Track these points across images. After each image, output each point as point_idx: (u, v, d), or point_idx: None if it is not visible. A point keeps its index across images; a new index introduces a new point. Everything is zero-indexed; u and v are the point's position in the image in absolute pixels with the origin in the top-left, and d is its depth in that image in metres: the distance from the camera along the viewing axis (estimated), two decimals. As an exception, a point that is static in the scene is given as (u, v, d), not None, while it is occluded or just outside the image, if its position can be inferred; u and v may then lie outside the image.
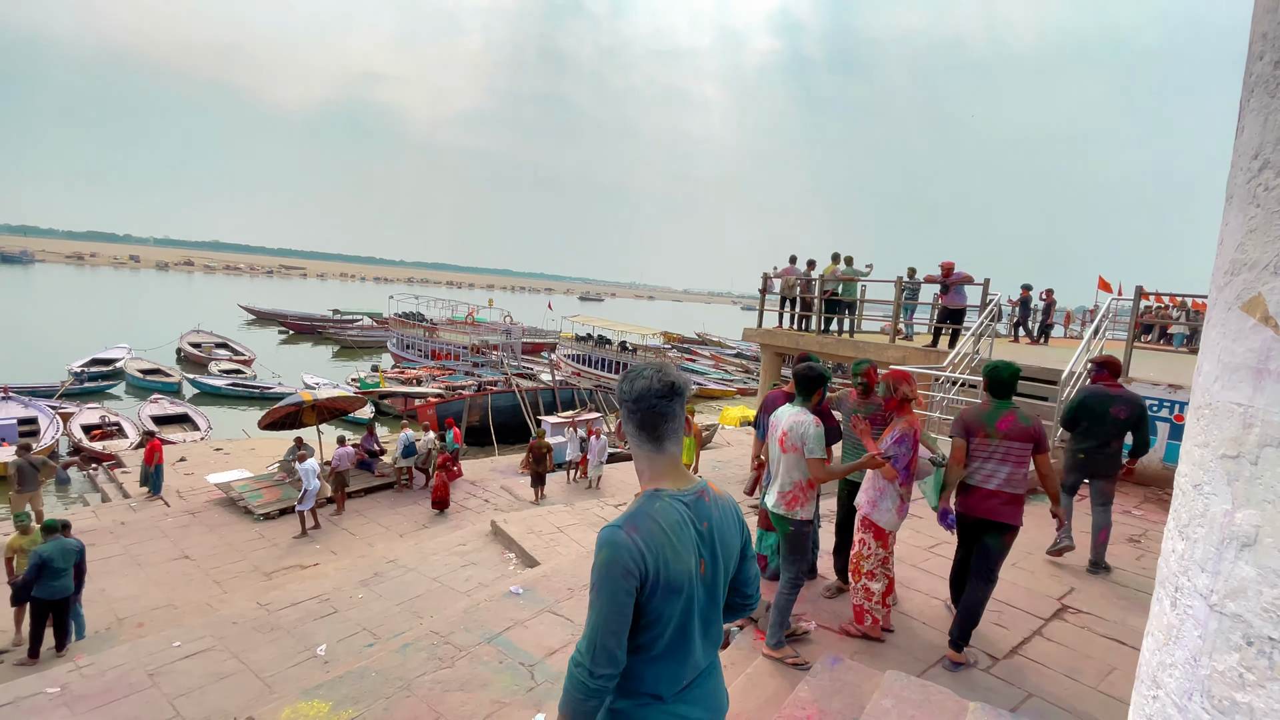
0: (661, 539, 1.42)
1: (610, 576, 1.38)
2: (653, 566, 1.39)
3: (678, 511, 1.47)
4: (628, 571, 1.38)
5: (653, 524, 1.43)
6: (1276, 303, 0.92)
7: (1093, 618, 4.20)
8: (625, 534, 1.40)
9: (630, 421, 1.51)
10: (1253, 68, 1.12)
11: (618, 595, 1.38)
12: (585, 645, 1.42)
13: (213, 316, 41.07)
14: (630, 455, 1.58)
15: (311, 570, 8.45)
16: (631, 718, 1.50)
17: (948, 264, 10.51)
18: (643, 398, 1.47)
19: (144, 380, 23.22)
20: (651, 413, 1.48)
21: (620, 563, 1.38)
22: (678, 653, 1.48)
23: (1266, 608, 0.87)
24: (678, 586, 1.43)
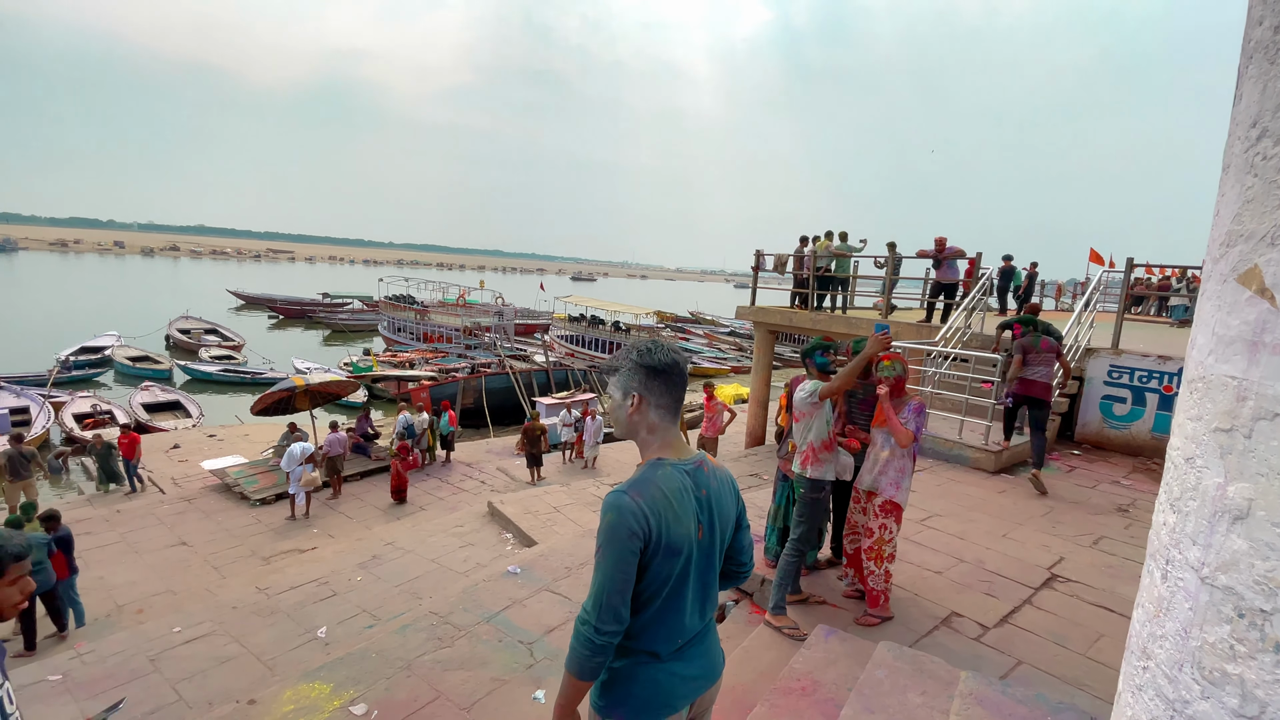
0: (664, 504, 1.50)
1: (616, 538, 1.46)
2: (655, 529, 1.47)
3: (679, 479, 1.54)
4: (632, 533, 1.45)
5: (656, 490, 1.50)
6: (1273, 274, 0.91)
7: (1081, 586, 4.28)
8: (630, 498, 1.48)
9: (650, 390, 1.58)
10: (1251, 33, 1.10)
11: (623, 556, 1.46)
12: (591, 604, 1.48)
13: (201, 302, 40.66)
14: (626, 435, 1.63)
15: (309, 554, 8.49)
16: (629, 676, 1.57)
17: (941, 239, 10.49)
18: (670, 369, 1.58)
19: (133, 368, 23.03)
20: (672, 384, 1.59)
21: (625, 525, 1.45)
22: (675, 612, 1.56)
23: (1259, 580, 0.87)
24: (677, 549, 1.51)
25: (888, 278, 11.02)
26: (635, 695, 1.57)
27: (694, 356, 33.50)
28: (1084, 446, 7.97)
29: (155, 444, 14.35)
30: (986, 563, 4.55)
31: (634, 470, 1.60)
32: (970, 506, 5.70)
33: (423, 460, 12.43)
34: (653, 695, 1.57)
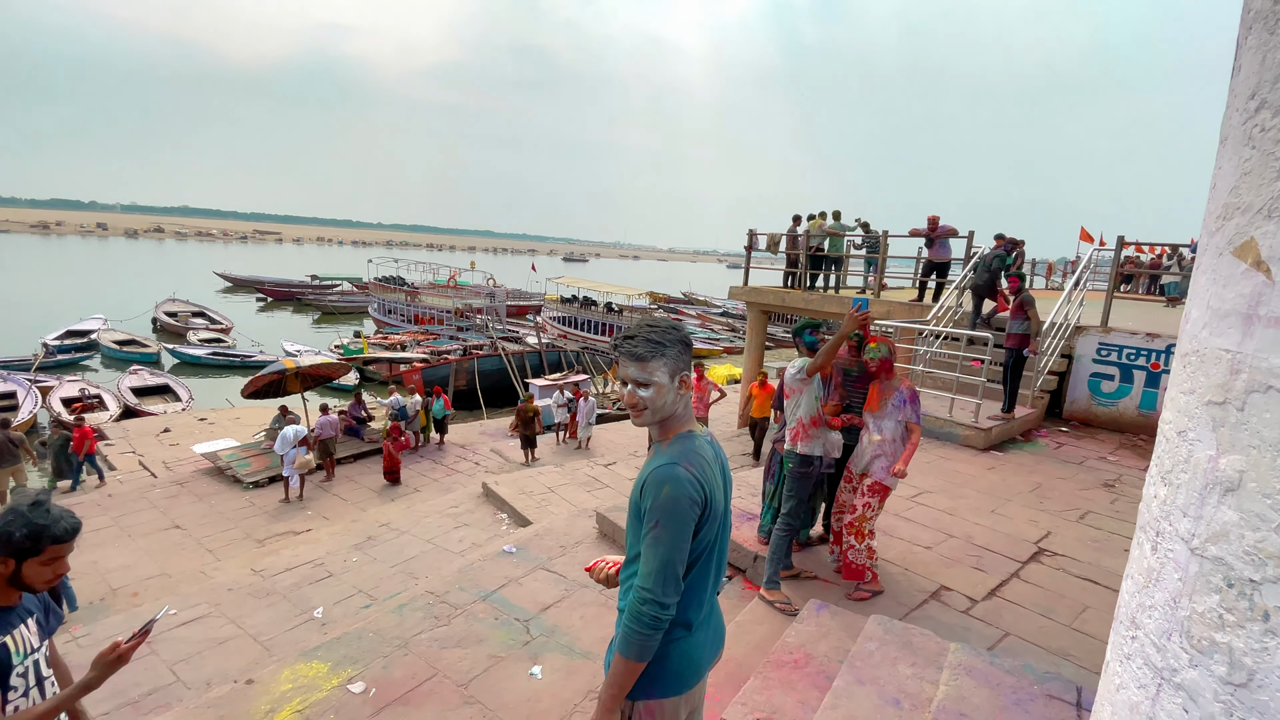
0: (708, 470, 1.57)
1: (679, 509, 1.48)
2: (709, 495, 1.54)
3: (707, 448, 1.63)
4: (693, 501, 1.50)
5: (699, 458, 1.56)
6: (1269, 247, 0.91)
7: (1068, 559, 4.35)
8: (683, 469, 1.51)
9: (685, 367, 1.63)
10: (1251, 3, 1.08)
11: (685, 525, 1.49)
12: (655, 580, 1.49)
13: (187, 284, 40.15)
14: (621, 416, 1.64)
15: (304, 536, 8.50)
16: (663, 654, 1.59)
17: (933, 218, 10.47)
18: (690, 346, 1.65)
19: (120, 351, 22.78)
20: (691, 360, 1.66)
21: (687, 494, 1.49)
22: (704, 577, 1.62)
23: (1249, 550, 0.88)
24: (718, 514, 1.59)
25: (881, 256, 11.01)
26: (669, 670, 1.59)
27: (686, 337, 33.47)
28: (1072, 423, 8.06)
29: (146, 427, 14.26)
30: (975, 538, 4.62)
31: (658, 445, 1.64)
32: (960, 483, 5.77)
33: (416, 442, 12.42)
34: (684, 668, 1.61)
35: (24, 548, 1.66)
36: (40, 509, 1.71)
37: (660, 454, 1.58)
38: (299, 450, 9.82)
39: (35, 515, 1.68)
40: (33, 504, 1.72)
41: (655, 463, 1.55)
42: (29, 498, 1.74)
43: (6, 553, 1.65)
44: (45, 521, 1.69)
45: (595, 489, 8.12)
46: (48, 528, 1.68)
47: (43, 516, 1.69)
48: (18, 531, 1.65)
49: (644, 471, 1.57)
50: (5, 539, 1.65)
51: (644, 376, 1.57)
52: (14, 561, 1.67)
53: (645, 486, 1.53)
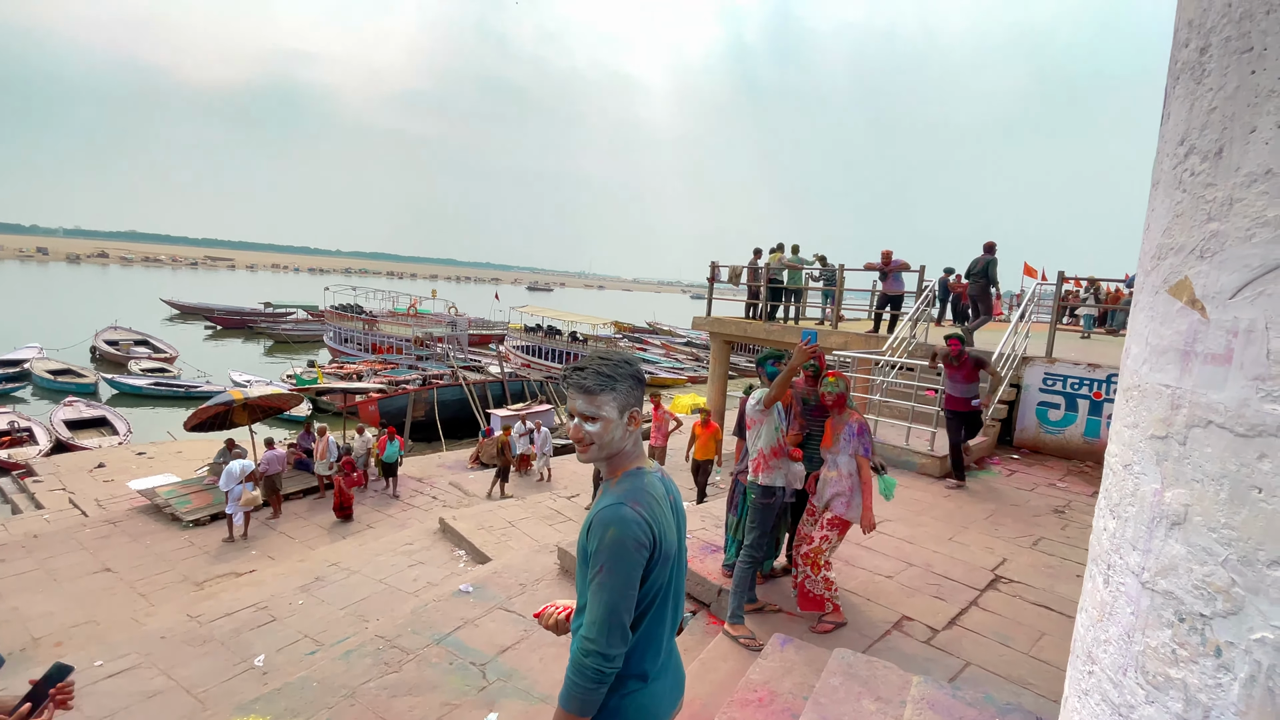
0: (658, 510, 1.49)
1: (624, 551, 1.40)
2: (658, 536, 1.46)
3: (658, 486, 1.56)
4: (640, 544, 1.41)
5: (649, 497, 1.49)
6: (1203, 286, 0.94)
7: (1023, 586, 4.42)
8: (630, 509, 1.43)
9: (636, 403, 1.56)
10: (1178, 55, 1.15)
11: (633, 570, 1.41)
12: (598, 629, 1.39)
13: (132, 312, 38.46)
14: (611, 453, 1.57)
15: (247, 577, 8.05)
16: (620, 710, 1.49)
17: (886, 252, 10.83)
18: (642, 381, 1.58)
19: (54, 382, 21.55)
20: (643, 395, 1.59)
21: (633, 536, 1.41)
22: (659, 624, 1.53)
23: (1197, 585, 0.89)
24: (669, 555, 1.50)
25: (839, 289, 11.30)
26: None
27: (652, 367, 33.61)
28: (1022, 451, 8.31)
29: (78, 462, 13.43)
30: (934, 566, 4.66)
31: (606, 483, 1.56)
32: (918, 511, 5.85)
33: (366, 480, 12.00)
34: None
35: None
36: None
37: (607, 493, 1.51)
38: (245, 486, 9.38)
39: None
40: None
41: (602, 503, 1.48)
42: None
43: None
44: None
45: (558, 522, 7.97)
46: None
47: None
48: None
49: (591, 513, 1.50)
50: None
51: (592, 410, 1.49)
52: None
53: (591, 528, 1.45)
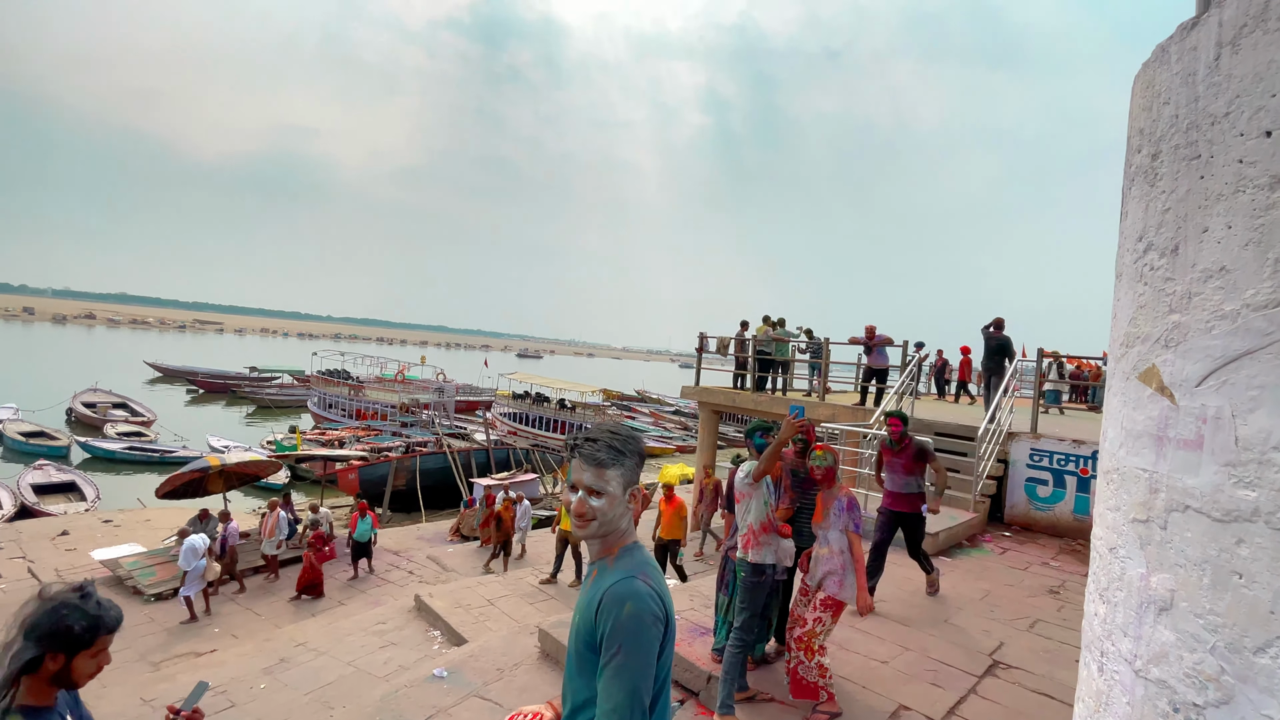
0: (662, 584, 1.45)
1: (643, 627, 1.33)
2: (669, 611, 1.42)
3: (655, 561, 1.53)
4: (656, 618, 1.37)
5: (655, 570, 1.47)
6: (1169, 374, 0.99)
7: (1022, 672, 4.28)
8: (642, 582, 1.38)
9: (637, 480, 1.53)
10: (1132, 159, 1.24)
11: (651, 646, 1.34)
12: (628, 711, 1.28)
13: (113, 374, 38.01)
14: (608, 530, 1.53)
15: (207, 658, 7.59)
16: None
17: (870, 327, 11.07)
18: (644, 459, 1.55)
19: (25, 444, 20.95)
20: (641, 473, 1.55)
21: (650, 610, 1.36)
22: (665, 713, 1.45)
23: (1188, 673, 0.88)
24: (673, 629, 1.45)
25: (825, 361, 11.47)
26: None
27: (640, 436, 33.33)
28: (1014, 528, 8.22)
29: (41, 529, 12.87)
30: (931, 650, 4.51)
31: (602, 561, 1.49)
32: (912, 591, 5.71)
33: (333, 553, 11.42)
34: None
35: (81, 640, 1.57)
36: (91, 599, 1.64)
37: (611, 570, 1.44)
38: (201, 563, 8.90)
39: (88, 606, 1.62)
40: (82, 594, 1.64)
41: (610, 579, 1.39)
42: (72, 588, 1.65)
43: (59, 647, 1.55)
44: (98, 612, 1.62)
45: (539, 600, 7.67)
46: (101, 618, 1.62)
47: (95, 607, 1.63)
48: (76, 624, 1.57)
49: (594, 590, 1.41)
50: (64, 632, 1.55)
51: (599, 485, 1.44)
52: (64, 656, 1.56)
53: (601, 607, 1.35)
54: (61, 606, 1.59)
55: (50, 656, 1.55)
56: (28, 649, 1.54)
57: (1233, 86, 0.97)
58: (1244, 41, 1.02)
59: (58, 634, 1.55)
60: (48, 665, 1.55)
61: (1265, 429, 0.83)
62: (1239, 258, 0.93)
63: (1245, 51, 1.01)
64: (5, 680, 1.53)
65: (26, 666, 1.54)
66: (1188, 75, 1.08)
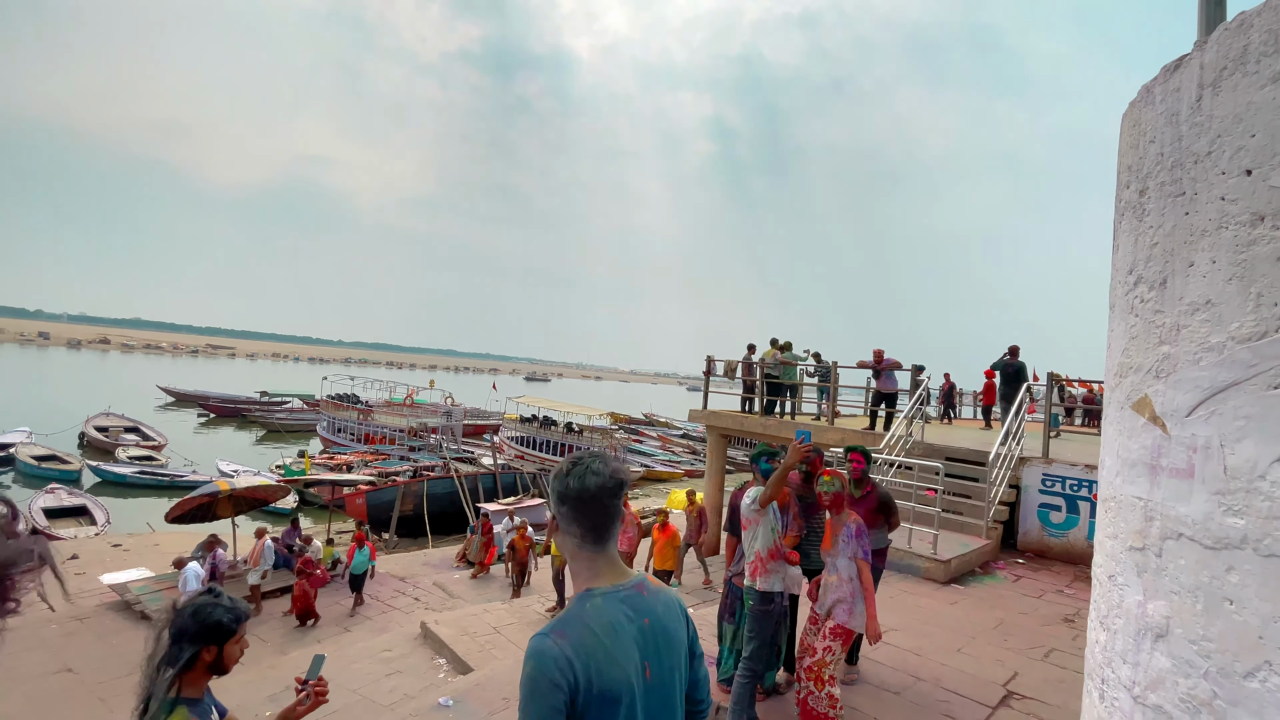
0: (593, 644, 1.30)
1: (537, 691, 1.25)
2: (583, 677, 1.27)
3: (613, 610, 1.36)
4: (554, 684, 1.25)
5: (583, 628, 1.32)
6: (1161, 404, 1.01)
7: (1037, 703, 4.20)
8: (551, 641, 1.28)
9: (575, 521, 1.40)
10: (1122, 195, 1.29)
11: (542, 712, 1.24)
12: None
13: (126, 398, 38.39)
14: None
15: (213, 682, 7.55)
16: None
17: (878, 351, 11.07)
18: (596, 496, 1.38)
19: (38, 468, 21.13)
20: (602, 511, 1.39)
21: (546, 675, 1.25)
22: None
23: (1184, 698, 0.90)
24: (614, 697, 1.30)
25: (833, 385, 11.45)
26: None
27: (648, 459, 33.20)
28: (1027, 555, 8.11)
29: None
30: (944, 680, 4.44)
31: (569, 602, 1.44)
32: (923, 619, 5.63)
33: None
34: None
35: (230, 630, 1.82)
36: (223, 597, 1.89)
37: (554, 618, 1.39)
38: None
39: (224, 602, 1.87)
40: (214, 595, 1.88)
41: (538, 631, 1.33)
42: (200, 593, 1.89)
43: (213, 640, 1.79)
44: (234, 605, 1.88)
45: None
46: (238, 609, 1.88)
47: (229, 602, 1.88)
48: (223, 618, 1.82)
49: None
50: (215, 627, 1.79)
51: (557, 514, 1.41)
52: (217, 647, 1.81)
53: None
54: (205, 607, 1.83)
55: (206, 650, 1.79)
56: (185, 650, 1.77)
57: (1214, 126, 1.02)
58: (1224, 84, 1.07)
59: (209, 630, 1.79)
60: (203, 658, 1.80)
61: (1252, 458, 0.85)
62: (1223, 291, 0.96)
63: (1225, 93, 1.06)
64: (169, 681, 1.75)
65: (186, 665, 1.77)
66: (1171, 115, 1.13)
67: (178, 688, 1.78)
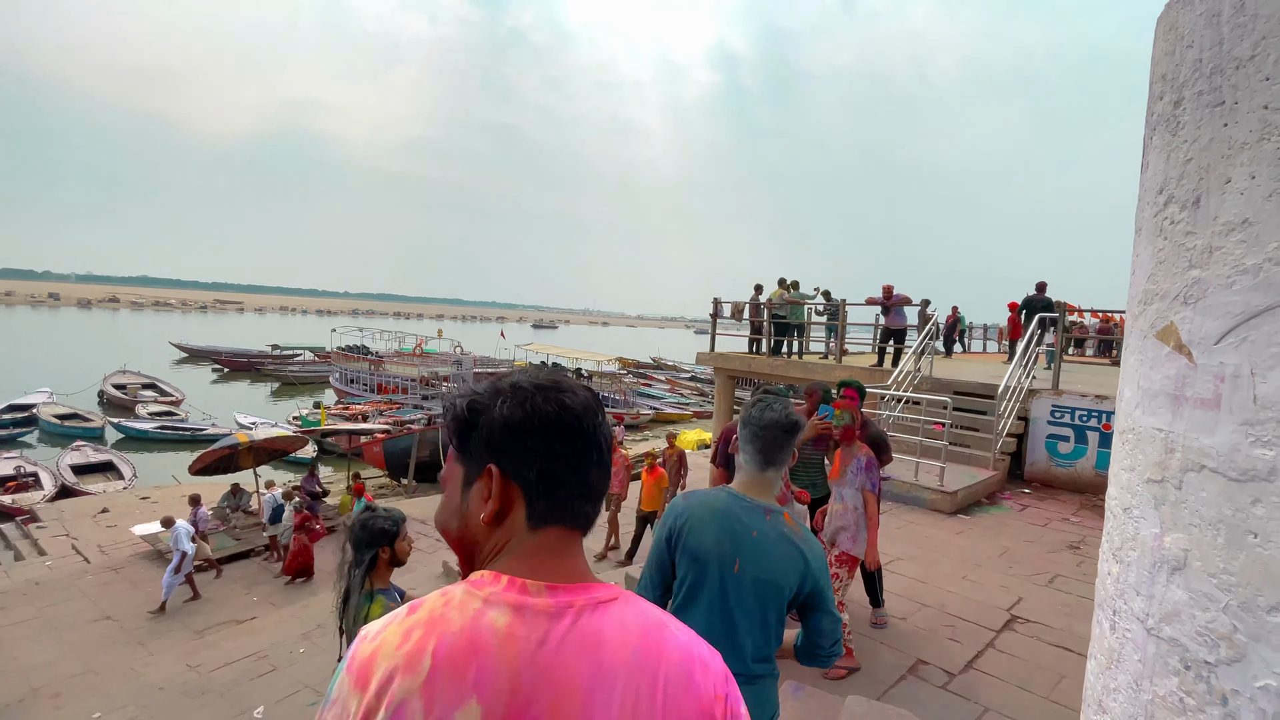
0: (699, 511, 1.70)
1: (664, 519, 1.75)
2: (680, 525, 1.70)
3: (733, 507, 1.70)
4: (671, 517, 1.73)
5: (698, 499, 1.74)
6: (1188, 331, 0.96)
7: (1041, 626, 4.32)
8: (680, 498, 1.78)
9: (749, 442, 1.76)
10: (1154, 107, 1.19)
11: (658, 540, 1.74)
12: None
13: (140, 355, 38.85)
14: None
15: (248, 625, 7.93)
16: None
17: (888, 287, 10.91)
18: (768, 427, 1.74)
19: (61, 426, 21.64)
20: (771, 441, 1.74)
21: (670, 511, 1.75)
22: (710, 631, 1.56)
23: (1200, 631, 0.89)
24: (698, 556, 1.65)
25: (841, 324, 11.36)
26: None
27: (657, 402, 33.52)
28: (1034, 485, 8.20)
29: (82, 508, 13.39)
30: (948, 606, 4.56)
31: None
32: (930, 549, 5.75)
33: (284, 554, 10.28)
34: None
35: (392, 533, 2.38)
36: (377, 510, 2.45)
37: None
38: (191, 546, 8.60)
39: (380, 513, 2.42)
40: (370, 511, 2.45)
41: None
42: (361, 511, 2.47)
43: (383, 542, 2.36)
44: (389, 514, 2.43)
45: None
46: (393, 516, 2.42)
47: (385, 512, 2.43)
48: (383, 524, 2.38)
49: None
50: (381, 532, 2.36)
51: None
52: (389, 547, 2.36)
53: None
54: (369, 520, 2.38)
55: (381, 550, 2.34)
56: (365, 554, 2.33)
57: (1259, 27, 0.92)
58: (1275, -24, 0.97)
59: (378, 535, 2.34)
60: (381, 556, 2.35)
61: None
62: (1262, 209, 0.89)
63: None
64: (361, 578, 2.33)
65: (371, 563, 2.33)
66: (1212, 16, 1.03)
67: (370, 582, 2.33)
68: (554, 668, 0.67)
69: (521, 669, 0.66)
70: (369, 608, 2.26)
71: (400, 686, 0.65)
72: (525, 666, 0.66)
